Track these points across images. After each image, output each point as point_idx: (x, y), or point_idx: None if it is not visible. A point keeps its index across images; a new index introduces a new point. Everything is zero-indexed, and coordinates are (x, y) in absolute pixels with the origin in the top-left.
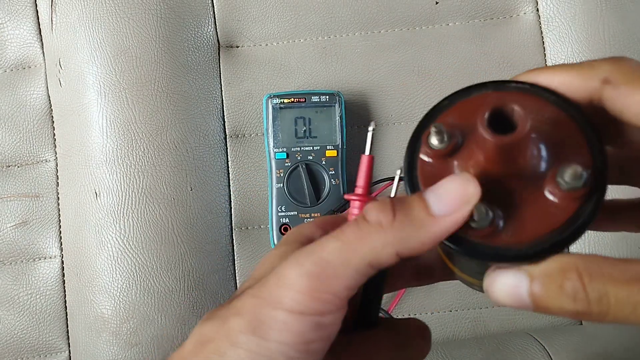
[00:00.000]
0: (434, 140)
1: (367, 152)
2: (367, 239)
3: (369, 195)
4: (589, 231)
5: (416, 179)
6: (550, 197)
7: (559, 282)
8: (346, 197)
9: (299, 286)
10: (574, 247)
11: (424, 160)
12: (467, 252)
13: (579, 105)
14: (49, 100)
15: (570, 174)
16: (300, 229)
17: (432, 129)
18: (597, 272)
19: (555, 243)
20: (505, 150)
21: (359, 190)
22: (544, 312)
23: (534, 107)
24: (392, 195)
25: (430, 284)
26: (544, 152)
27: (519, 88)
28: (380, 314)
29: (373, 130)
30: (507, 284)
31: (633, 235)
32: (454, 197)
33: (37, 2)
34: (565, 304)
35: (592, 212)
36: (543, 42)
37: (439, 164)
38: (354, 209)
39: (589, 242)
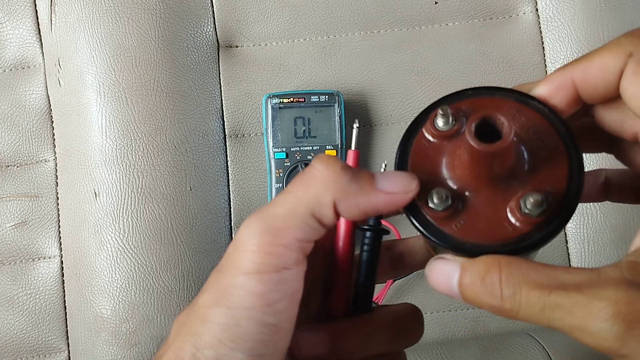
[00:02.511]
0: (439, 121)
1: (352, 147)
2: (311, 187)
3: None
4: (589, 231)
5: (409, 147)
6: (509, 214)
7: (482, 276)
8: None
9: (251, 245)
10: (574, 235)
11: (423, 135)
12: (420, 225)
13: (579, 149)
14: (48, 100)
15: (534, 200)
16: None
17: (440, 111)
18: (515, 272)
19: (496, 252)
20: (486, 156)
21: None
22: (470, 303)
23: (539, 130)
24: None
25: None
26: (521, 177)
27: (538, 108)
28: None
29: (357, 127)
30: (442, 271)
31: (633, 235)
32: (398, 184)
33: (36, 2)
34: (484, 297)
35: (538, 242)
36: (542, 42)
37: (434, 143)
38: None
39: (589, 242)
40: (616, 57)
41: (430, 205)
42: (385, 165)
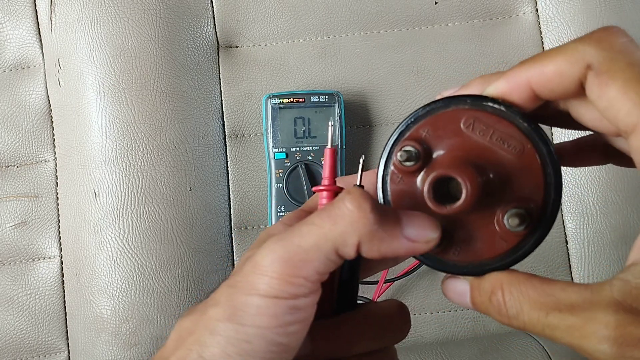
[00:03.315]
0: (403, 160)
1: (329, 145)
2: (340, 224)
3: (334, 185)
4: (589, 231)
5: (387, 185)
6: (498, 228)
7: (488, 297)
8: (314, 189)
9: (272, 271)
10: (574, 235)
11: (394, 172)
12: (421, 257)
13: (547, 140)
14: (48, 100)
15: (514, 221)
16: (270, 229)
17: (402, 150)
18: (516, 292)
19: (496, 267)
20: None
21: (324, 182)
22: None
23: (503, 134)
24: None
25: (412, 278)
26: (499, 190)
27: (495, 110)
28: (362, 301)
29: (332, 125)
30: (456, 290)
31: (633, 235)
32: (423, 233)
33: (36, 2)
34: (495, 315)
35: (532, 247)
36: (542, 42)
37: (406, 177)
38: (323, 199)
39: (589, 242)
40: (573, 65)
41: None
42: (364, 160)
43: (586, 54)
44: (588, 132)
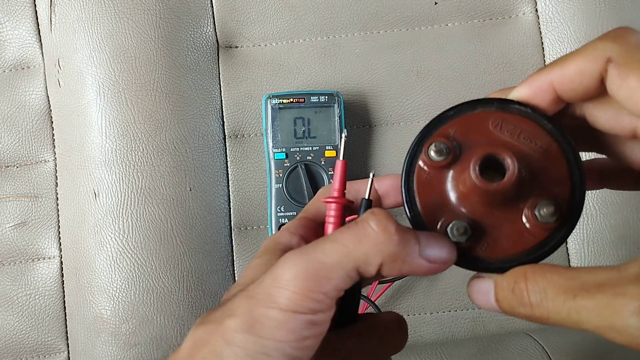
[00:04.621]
0: (433, 154)
1: (340, 157)
2: (364, 244)
3: (344, 198)
4: (589, 231)
5: (412, 183)
6: (526, 223)
7: (511, 288)
8: (323, 200)
9: (293, 286)
10: (574, 236)
11: (422, 167)
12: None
13: (571, 140)
14: (48, 100)
15: (547, 210)
16: (277, 238)
17: (433, 145)
18: (540, 279)
19: (523, 262)
20: (494, 191)
21: (334, 194)
22: (509, 314)
23: (529, 133)
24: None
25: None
26: (527, 186)
27: (521, 111)
28: (370, 309)
29: (345, 137)
30: (481, 290)
31: (632, 235)
32: (441, 255)
33: (36, 2)
34: (517, 308)
35: (559, 241)
36: (542, 42)
37: (434, 173)
38: (331, 210)
39: (589, 242)
40: (593, 61)
41: (452, 239)
42: (373, 175)
43: (606, 49)
44: (590, 157)
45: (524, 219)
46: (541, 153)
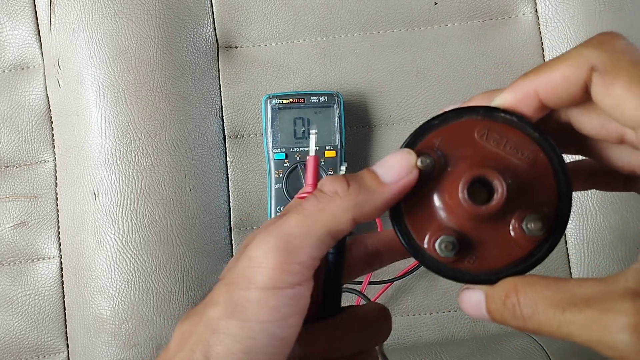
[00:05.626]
0: (419, 163)
1: (312, 153)
2: (326, 208)
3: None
4: (588, 232)
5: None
6: (513, 235)
7: (503, 301)
8: (297, 196)
9: (267, 262)
10: (574, 236)
11: None
12: (435, 269)
13: (558, 150)
14: (48, 100)
15: (535, 225)
16: (251, 235)
17: (419, 159)
18: (530, 292)
19: (510, 274)
20: (483, 212)
21: (308, 189)
22: (503, 325)
23: (515, 143)
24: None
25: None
26: (514, 198)
27: (507, 120)
28: (363, 301)
29: (316, 134)
30: (471, 301)
31: (632, 235)
32: (398, 167)
33: (35, 3)
34: (509, 320)
35: (546, 252)
36: (542, 42)
37: (419, 185)
38: None
39: (588, 243)
40: (577, 69)
41: (440, 254)
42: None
43: (590, 57)
44: (577, 158)
45: (511, 231)
46: (528, 163)
